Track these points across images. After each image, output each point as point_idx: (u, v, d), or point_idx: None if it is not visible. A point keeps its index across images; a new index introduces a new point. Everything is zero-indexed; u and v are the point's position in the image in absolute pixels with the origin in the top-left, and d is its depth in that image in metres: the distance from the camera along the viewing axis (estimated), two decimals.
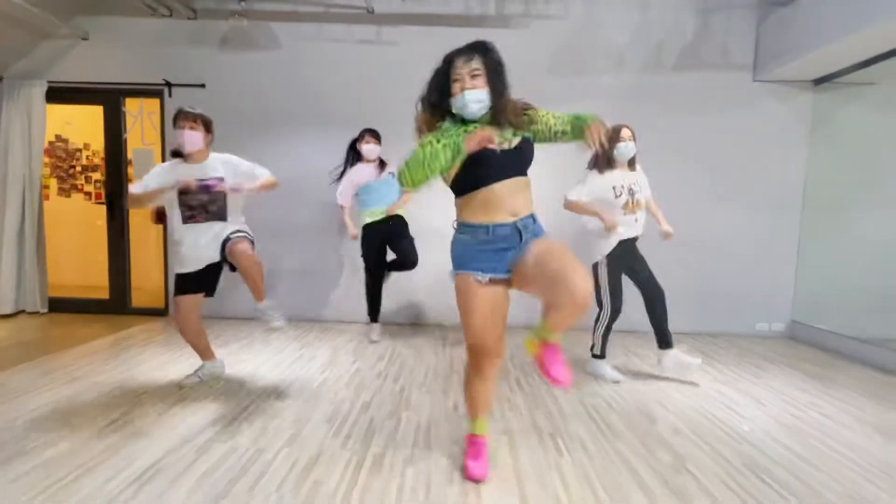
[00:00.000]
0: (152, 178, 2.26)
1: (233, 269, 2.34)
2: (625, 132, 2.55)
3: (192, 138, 2.23)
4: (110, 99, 3.87)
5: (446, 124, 1.53)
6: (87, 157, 5.16)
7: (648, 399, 2.37)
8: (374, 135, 3.22)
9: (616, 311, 2.63)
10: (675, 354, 2.64)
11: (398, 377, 2.61)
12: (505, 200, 1.48)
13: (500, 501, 1.48)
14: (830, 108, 3.71)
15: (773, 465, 1.76)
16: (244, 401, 2.20)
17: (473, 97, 1.44)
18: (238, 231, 2.32)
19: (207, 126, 2.31)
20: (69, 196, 5.15)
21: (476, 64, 1.46)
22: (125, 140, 3.94)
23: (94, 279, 4.54)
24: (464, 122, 1.51)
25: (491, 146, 1.42)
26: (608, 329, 2.66)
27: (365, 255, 3.29)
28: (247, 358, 2.85)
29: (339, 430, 1.93)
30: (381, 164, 3.27)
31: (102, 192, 5.15)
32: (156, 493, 1.47)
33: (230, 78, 3.79)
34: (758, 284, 3.81)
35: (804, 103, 3.73)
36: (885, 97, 3.59)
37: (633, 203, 2.55)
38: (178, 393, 2.28)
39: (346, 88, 3.78)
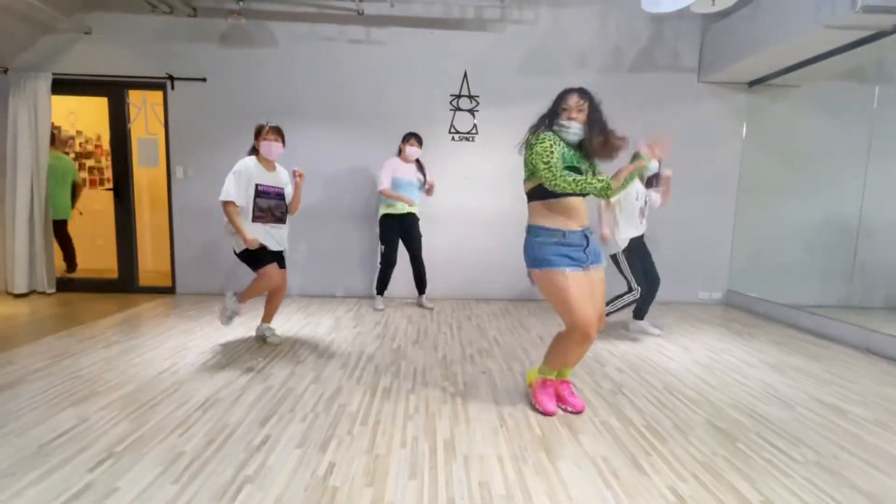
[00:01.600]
0: (238, 188, 2.59)
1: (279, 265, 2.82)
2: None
3: (277, 149, 2.68)
4: (114, 91, 4.11)
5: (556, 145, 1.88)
6: (81, 144, 5.34)
7: (600, 350, 2.92)
8: (418, 139, 3.71)
9: (640, 290, 3.16)
10: (643, 324, 3.30)
11: (395, 337, 3.08)
12: (577, 213, 1.87)
13: (482, 412, 1.98)
14: (762, 106, 4.31)
15: (685, 388, 2.33)
16: (266, 357, 2.63)
17: (576, 130, 1.89)
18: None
19: (283, 139, 2.72)
20: None
21: (582, 101, 1.90)
22: (129, 130, 4.20)
23: (94, 263, 4.82)
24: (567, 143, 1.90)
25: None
26: (630, 305, 3.16)
27: (383, 241, 3.78)
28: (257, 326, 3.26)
29: (351, 373, 2.40)
30: (419, 164, 3.77)
31: (97, 178, 5.40)
32: (217, 415, 1.90)
33: (230, 73, 4.09)
34: (699, 259, 4.43)
35: (740, 102, 4.31)
36: (807, 97, 4.21)
37: (644, 208, 3.16)
38: (210, 350, 2.70)
39: (339, 85, 4.14)
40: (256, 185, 2.64)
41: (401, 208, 3.70)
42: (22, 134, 3.99)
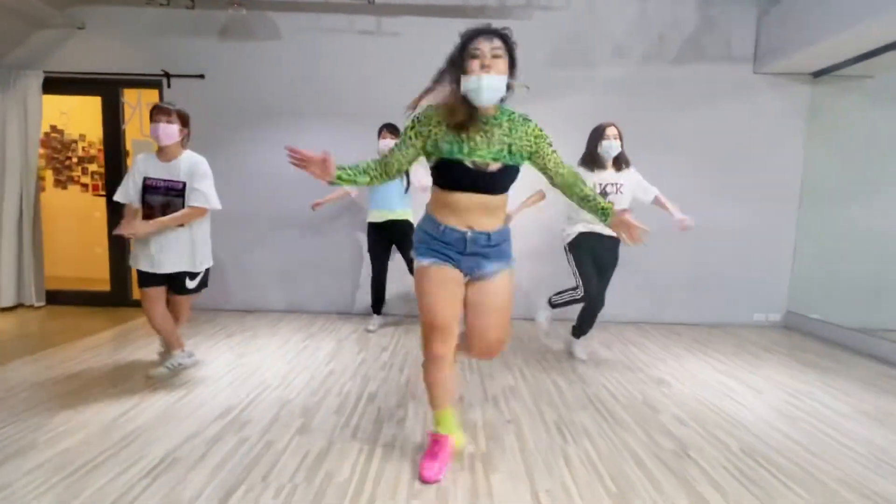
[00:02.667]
0: (125, 186, 2.27)
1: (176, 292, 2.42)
2: (610, 130, 2.57)
3: (167, 131, 2.22)
4: (108, 90, 3.82)
5: (441, 132, 1.47)
6: (83, 149, 5.11)
7: (652, 390, 2.42)
8: (392, 129, 3.20)
9: (588, 294, 2.66)
10: (572, 343, 2.90)
11: (403, 367, 2.64)
12: (463, 212, 1.50)
13: (510, 487, 1.52)
14: (829, 100, 3.73)
15: (771, 452, 1.81)
16: (251, 392, 2.22)
17: (491, 83, 1.38)
18: (195, 275, 2.37)
19: (184, 121, 2.30)
20: (65, 188, 5.11)
21: (498, 44, 1.39)
22: (124, 131, 3.90)
23: (92, 272, 4.53)
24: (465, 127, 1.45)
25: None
26: (572, 303, 2.72)
27: (371, 252, 3.36)
28: (252, 350, 2.87)
29: (347, 420, 1.96)
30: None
31: (99, 183, 5.15)
32: (170, 484, 1.49)
33: (229, 68, 3.75)
34: (755, 276, 3.86)
35: (803, 96, 3.75)
36: (883, 90, 3.62)
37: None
38: (187, 384, 2.30)
39: (346, 79, 3.76)
40: (144, 179, 2.21)
41: (377, 216, 3.26)
42: (10, 136, 3.72)
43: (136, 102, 3.91)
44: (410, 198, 3.30)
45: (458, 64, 1.43)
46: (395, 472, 1.60)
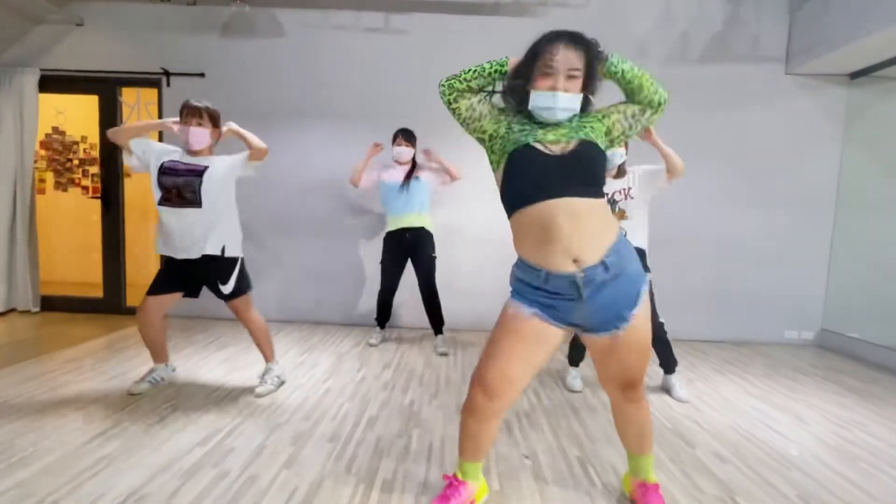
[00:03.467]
0: (148, 149, 2.10)
1: (219, 297, 2.21)
2: None
3: (197, 136, 2.06)
4: (106, 88, 3.68)
5: (512, 116, 1.31)
6: (85, 150, 4.99)
7: (681, 417, 2.17)
8: (407, 136, 3.01)
9: None
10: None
11: (406, 388, 2.42)
12: (555, 235, 1.15)
13: None
14: (867, 103, 3.49)
15: (829, 496, 1.56)
16: (237, 416, 2.01)
17: (565, 103, 1.20)
18: (227, 278, 2.15)
19: (215, 121, 2.13)
20: (66, 190, 5.00)
21: (578, 62, 1.20)
22: None
23: (89, 276, 4.38)
24: (534, 119, 1.26)
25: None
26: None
27: (382, 265, 3.12)
28: (244, 364, 2.67)
29: (342, 450, 1.74)
30: (414, 166, 3.06)
31: (99, 186, 5.02)
32: None
33: (231, 67, 3.60)
34: (786, 290, 3.59)
35: (839, 98, 3.51)
36: None
37: (616, 213, 2.33)
38: (170, 403, 2.10)
39: (353, 78, 3.59)
40: (162, 163, 2.05)
41: (391, 224, 3.04)
42: (6, 135, 3.60)
43: (134, 102, 3.78)
44: (426, 204, 3.08)
45: (525, 71, 1.24)
46: None
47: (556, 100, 1.19)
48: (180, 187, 2.05)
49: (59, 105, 4.58)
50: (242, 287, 2.21)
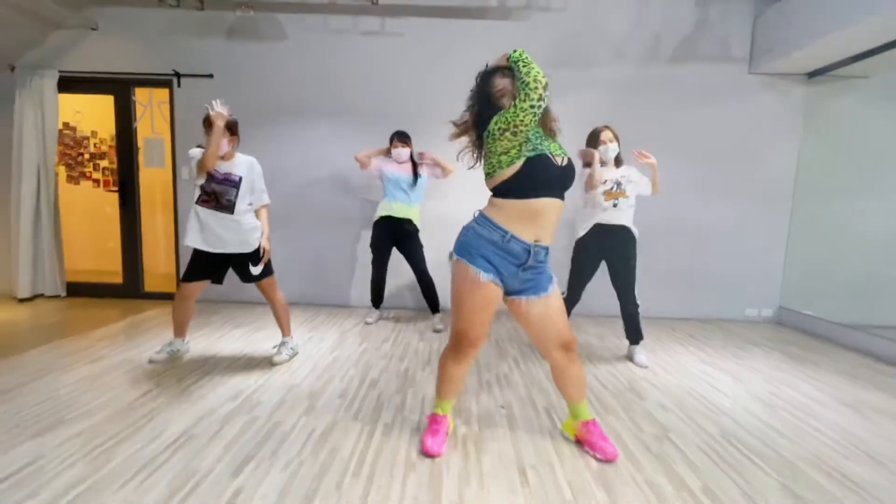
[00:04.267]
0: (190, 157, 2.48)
1: (245, 280, 2.55)
2: (604, 135, 2.67)
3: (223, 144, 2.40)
4: (120, 88, 3.96)
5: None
6: (95, 145, 5.25)
7: (639, 379, 2.53)
8: (402, 138, 3.32)
9: (569, 299, 2.77)
10: (637, 349, 2.82)
11: (403, 357, 2.77)
12: (539, 221, 1.56)
13: (499, 465, 1.65)
14: (823, 100, 3.81)
15: (746, 436, 1.92)
16: (259, 378, 2.36)
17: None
18: (257, 260, 2.50)
19: (232, 129, 2.45)
20: (78, 184, 5.27)
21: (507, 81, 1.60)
22: (135, 129, 4.04)
23: (105, 264, 4.69)
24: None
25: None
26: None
27: (372, 247, 3.44)
28: (259, 340, 3.01)
29: (350, 403, 2.10)
30: (414, 164, 3.36)
31: (111, 179, 5.30)
32: (188, 457, 1.63)
33: (238, 68, 3.88)
34: (748, 272, 3.95)
35: (798, 95, 3.83)
36: (877, 90, 3.69)
37: (617, 191, 2.67)
38: (200, 370, 2.44)
39: (352, 79, 3.87)
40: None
41: (385, 210, 3.34)
42: (28, 133, 3.87)
43: (147, 101, 4.05)
44: (420, 196, 3.39)
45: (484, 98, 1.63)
46: (393, 449, 1.73)
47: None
48: (218, 193, 2.41)
49: (76, 105, 4.84)
50: (268, 270, 2.57)
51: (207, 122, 2.38)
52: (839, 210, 3.77)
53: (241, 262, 2.51)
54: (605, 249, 2.73)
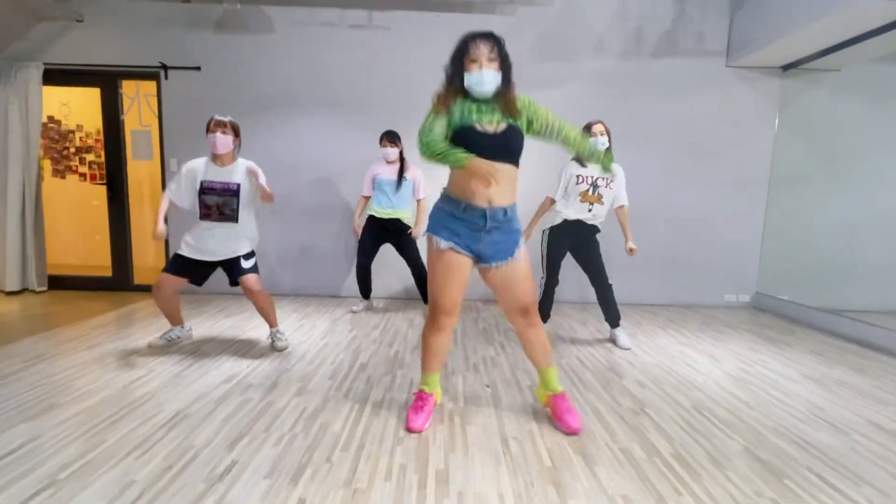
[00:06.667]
0: (183, 180, 2.48)
1: (234, 284, 2.60)
2: (597, 127, 2.72)
3: (223, 141, 2.44)
4: (107, 81, 3.95)
5: (456, 106, 1.66)
6: (81, 139, 5.22)
7: (619, 360, 2.64)
8: (391, 138, 3.38)
9: (549, 282, 2.89)
10: (619, 331, 2.93)
11: (392, 342, 2.85)
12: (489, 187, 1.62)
13: (483, 436, 1.74)
14: (797, 92, 3.95)
15: (717, 408, 2.04)
16: (252, 363, 2.42)
17: (489, 77, 1.62)
18: (249, 256, 2.55)
19: (236, 131, 2.51)
20: (64, 177, 5.23)
21: (493, 51, 1.63)
22: (123, 122, 4.04)
23: (92, 259, 4.68)
24: (474, 100, 1.67)
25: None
26: (543, 294, 2.91)
27: (359, 242, 3.50)
28: (250, 328, 3.06)
29: (340, 384, 2.17)
30: (402, 163, 3.41)
31: (97, 172, 5.27)
32: (184, 434, 1.69)
33: (225, 61, 3.89)
34: (726, 259, 4.10)
35: (772, 88, 3.96)
36: (848, 83, 3.84)
37: (592, 195, 2.76)
38: (193, 355, 2.50)
39: (339, 71, 3.92)
40: (201, 183, 2.45)
41: (371, 210, 3.44)
42: (13, 126, 3.85)
43: (134, 94, 4.05)
44: (405, 202, 3.45)
45: (458, 65, 1.67)
46: (382, 425, 1.81)
47: (483, 74, 1.61)
48: (220, 205, 2.46)
49: (61, 97, 4.80)
50: (256, 266, 2.62)
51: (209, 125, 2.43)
52: (811, 198, 3.92)
53: (229, 267, 2.54)
54: (572, 236, 2.83)
